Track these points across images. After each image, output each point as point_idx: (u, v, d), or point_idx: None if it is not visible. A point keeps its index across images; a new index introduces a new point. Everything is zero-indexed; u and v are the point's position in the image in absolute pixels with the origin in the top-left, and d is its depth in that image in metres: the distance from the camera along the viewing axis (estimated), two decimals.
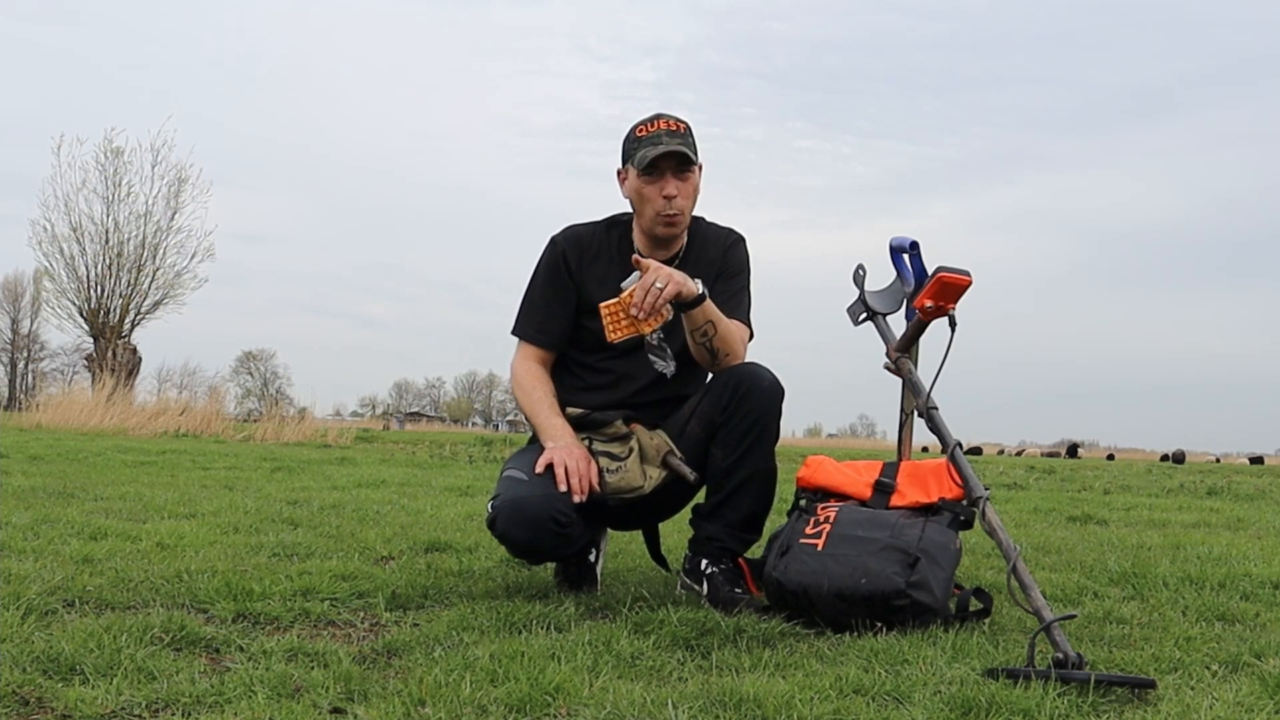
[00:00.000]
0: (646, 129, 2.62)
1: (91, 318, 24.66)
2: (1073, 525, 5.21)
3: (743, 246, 2.79)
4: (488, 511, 2.51)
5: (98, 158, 24.17)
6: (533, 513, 2.44)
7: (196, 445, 11.13)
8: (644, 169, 2.59)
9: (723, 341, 2.59)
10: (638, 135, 2.63)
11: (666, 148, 2.57)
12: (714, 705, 1.72)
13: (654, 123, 2.62)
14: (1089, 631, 2.40)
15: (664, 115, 2.64)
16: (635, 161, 2.61)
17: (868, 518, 2.45)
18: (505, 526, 2.46)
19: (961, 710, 1.71)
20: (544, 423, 2.62)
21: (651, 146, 2.59)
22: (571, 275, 2.72)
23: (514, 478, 2.54)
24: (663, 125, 2.62)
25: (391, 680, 1.84)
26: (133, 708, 1.65)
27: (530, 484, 2.49)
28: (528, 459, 2.59)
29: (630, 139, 2.65)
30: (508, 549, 2.55)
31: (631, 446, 2.63)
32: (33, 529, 3.49)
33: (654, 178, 2.61)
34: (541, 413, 2.64)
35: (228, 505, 4.54)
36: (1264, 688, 1.88)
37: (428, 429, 48.92)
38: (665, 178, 2.61)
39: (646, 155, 2.58)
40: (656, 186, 2.61)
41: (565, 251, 2.73)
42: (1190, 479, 11.86)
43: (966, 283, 2.38)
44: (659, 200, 2.61)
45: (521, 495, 2.47)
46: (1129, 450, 60.55)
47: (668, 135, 2.60)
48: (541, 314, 2.74)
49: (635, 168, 2.61)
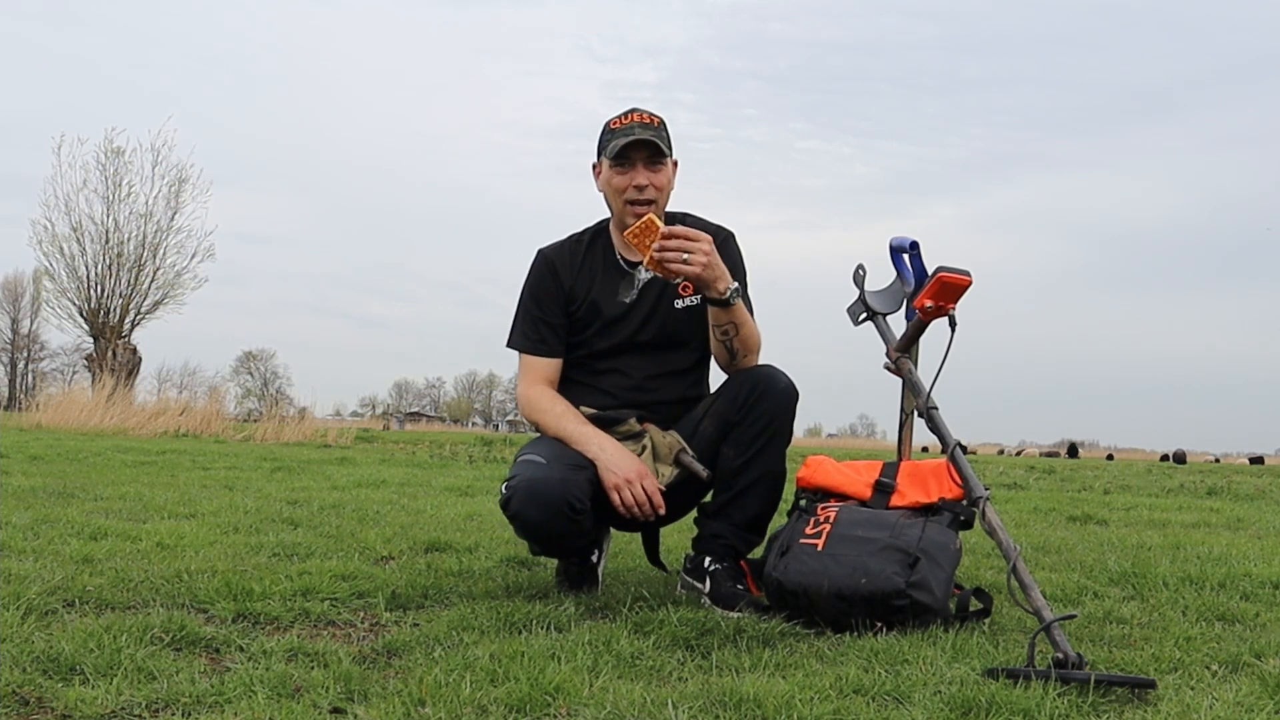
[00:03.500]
0: (620, 121, 2.64)
1: (91, 318, 24.66)
2: (1073, 525, 5.21)
3: (734, 243, 2.79)
4: (501, 492, 2.52)
5: (98, 158, 24.23)
6: (548, 495, 2.44)
7: (196, 445, 11.13)
8: (615, 157, 2.61)
9: (743, 343, 2.63)
10: (611, 127, 2.65)
11: (637, 137, 2.59)
12: (714, 705, 1.72)
13: (627, 115, 2.65)
14: (1089, 631, 2.40)
15: (638, 109, 2.66)
16: (607, 151, 2.62)
17: (868, 518, 2.45)
18: (520, 506, 2.47)
19: (961, 710, 1.71)
20: (575, 433, 2.61)
21: (623, 137, 2.60)
22: (562, 287, 2.73)
23: (532, 460, 2.54)
24: (636, 118, 2.64)
25: (391, 680, 1.84)
26: (133, 708, 1.65)
27: (548, 467, 2.50)
28: (547, 445, 2.60)
29: (604, 132, 2.67)
30: (519, 530, 2.56)
31: (645, 444, 2.64)
32: (33, 529, 3.49)
33: (625, 168, 2.62)
34: (569, 426, 2.63)
35: (228, 505, 4.54)
36: (1264, 688, 1.88)
37: (428, 429, 48.93)
38: (636, 168, 2.62)
39: (617, 144, 2.60)
40: (627, 176, 2.63)
41: (555, 264, 2.75)
42: (1190, 479, 11.86)
43: (966, 283, 2.38)
44: (629, 190, 2.63)
45: (539, 477, 2.48)
46: (1129, 450, 60.60)
47: (639, 127, 2.62)
48: (539, 326, 2.75)
49: (607, 158, 2.63)
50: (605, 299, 2.72)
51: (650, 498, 2.53)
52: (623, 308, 2.73)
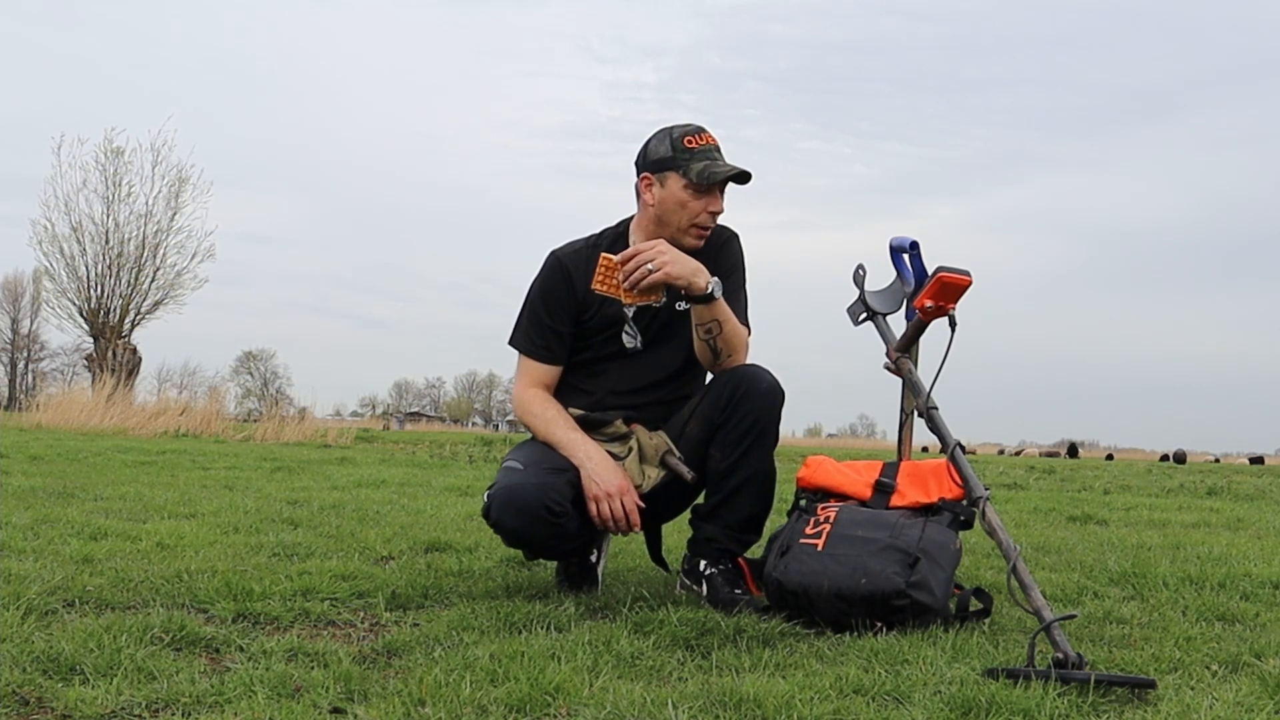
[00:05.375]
0: (695, 140, 2.61)
1: (91, 318, 24.67)
2: (1073, 525, 5.21)
3: (736, 243, 2.78)
4: (484, 501, 2.54)
5: (98, 158, 24.25)
6: (525, 500, 2.45)
7: (196, 445, 11.12)
8: (704, 184, 2.58)
9: (726, 342, 2.59)
10: (687, 145, 2.60)
11: (734, 170, 2.58)
12: (714, 705, 1.72)
13: (701, 135, 2.62)
14: (1089, 631, 2.40)
15: (704, 129, 2.64)
16: (694, 175, 2.58)
17: (868, 518, 2.45)
18: (499, 514, 2.48)
19: (961, 710, 1.71)
20: (563, 439, 2.60)
21: (711, 162, 2.59)
22: (575, 295, 2.68)
23: (511, 467, 2.55)
24: (710, 140, 2.62)
25: (391, 680, 1.84)
26: (133, 708, 1.65)
27: (525, 472, 2.51)
28: (527, 450, 2.61)
29: (678, 147, 2.60)
30: (502, 538, 2.57)
31: (631, 446, 2.63)
32: (33, 529, 3.49)
33: (705, 194, 2.60)
34: (558, 431, 2.62)
35: (228, 505, 4.54)
36: (1264, 688, 1.88)
37: (428, 429, 48.93)
38: (715, 194, 2.62)
39: (711, 172, 2.57)
40: (704, 201, 2.61)
41: (569, 268, 2.70)
42: (1190, 479, 11.86)
43: (966, 283, 2.38)
44: (704, 215, 2.62)
45: (515, 483, 2.48)
46: (1129, 450, 60.58)
47: (717, 152, 2.61)
48: (545, 332, 2.71)
49: (689, 179, 2.58)
50: (618, 309, 2.67)
51: (628, 515, 2.52)
52: (631, 315, 2.71)
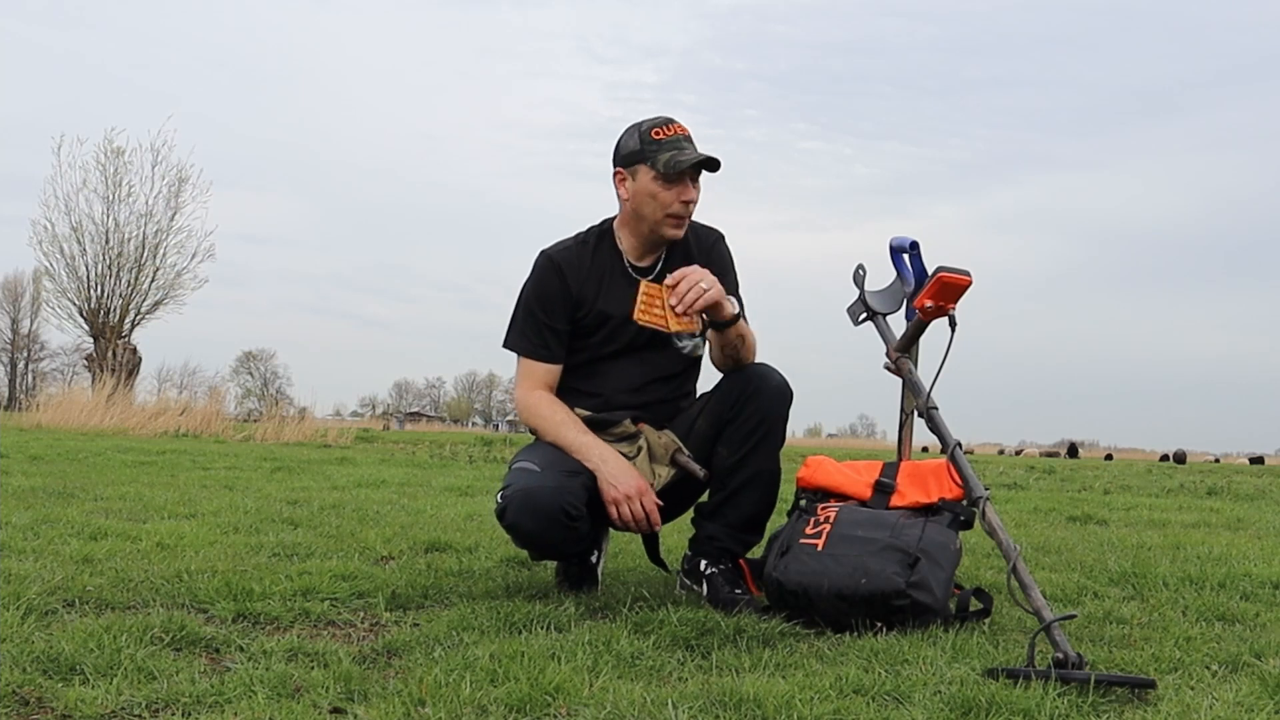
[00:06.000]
0: (663, 132, 2.60)
1: (91, 318, 24.65)
2: (1073, 525, 5.21)
3: (724, 244, 2.79)
4: (497, 502, 2.52)
5: (98, 157, 24.17)
6: (544, 503, 2.44)
7: (196, 445, 11.12)
8: (671, 173, 2.58)
9: (748, 351, 2.66)
10: (654, 137, 2.60)
11: (700, 156, 2.57)
12: (714, 705, 1.72)
13: (668, 126, 2.62)
14: (1089, 631, 2.40)
15: (672, 120, 2.64)
16: (660, 165, 2.57)
17: (868, 518, 2.45)
18: (516, 516, 2.46)
19: (961, 710, 1.71)
20: (575, 442, 2.58)
21: (678, 151, 2.58)
22: (569, 293, 2.68)
23: (526, 469, 2.53)
24: (679, 130, 2.62)
25: (391, 680, 1.84)
26: (133, 708, 1.65)
27: (542, 475, 2.50)
28: (541, 452, 2.59)
29: (645, 140, 2.60)
30: (516, 540, 2.56)
31: (640, 445, 2.63)
32: (33, 529, 3.49)
33: (673, 183, 2.60)
34: (569, 434, 2.60)
35: (228, 505, 4.54)
36: (1264, 688, 1.88)
37: (428, 429, 48.91)
38: (685, 182, 2.61)
39: (677, 161, 2.57)
40: (675, 191, 2.60)
41: (563, 268, 2.69)
42: (1190, 479, 11.86)
43: (966, 283, 2.38)
44: (676, 204, 2.61)
45: (534, 485, 2.47)
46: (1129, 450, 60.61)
47: (686, 141, 2.61)
48: (542, 331, 2.70)
49: (657, 170, 2.58)
50: (613, 306, 2.67)
51: (649, 514, 2.53)
52: (628, 314, 2.71)
